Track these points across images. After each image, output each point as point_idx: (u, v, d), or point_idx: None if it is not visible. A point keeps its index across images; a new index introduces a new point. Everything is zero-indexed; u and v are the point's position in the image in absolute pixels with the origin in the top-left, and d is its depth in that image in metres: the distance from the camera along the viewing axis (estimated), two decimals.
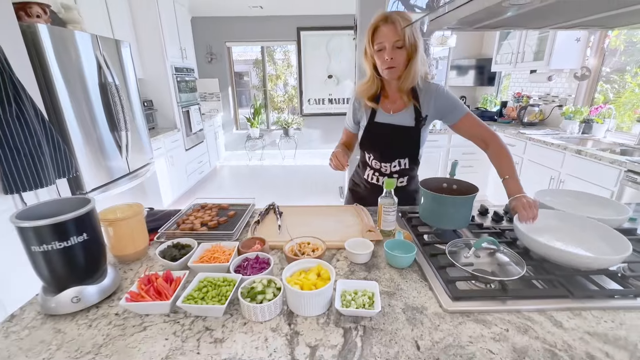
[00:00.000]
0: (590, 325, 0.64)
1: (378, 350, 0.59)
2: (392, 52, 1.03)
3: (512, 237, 0.95)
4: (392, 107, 1.18)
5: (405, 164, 1.23)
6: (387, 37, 1.02)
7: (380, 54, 1.06)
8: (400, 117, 1.17)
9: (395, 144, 1.20)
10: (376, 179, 1.28)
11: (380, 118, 1.19)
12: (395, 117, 1.18)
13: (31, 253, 0.64)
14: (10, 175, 1.49)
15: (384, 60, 1.05)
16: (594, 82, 2.92)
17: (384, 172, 1.26)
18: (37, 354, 0.59)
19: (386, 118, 1.18)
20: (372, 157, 1.26)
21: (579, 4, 0.70)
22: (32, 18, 1.84)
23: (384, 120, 1.19)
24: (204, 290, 0.70)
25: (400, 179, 1.26)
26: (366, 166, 1.30)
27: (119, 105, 2.35)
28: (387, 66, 1.06)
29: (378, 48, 1.05)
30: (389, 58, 1.04)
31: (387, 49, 1.04)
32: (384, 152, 1.22)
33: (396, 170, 1.24)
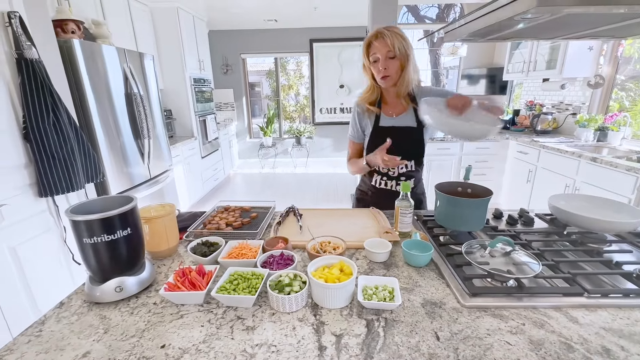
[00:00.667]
0: (605, 322, 0.67)
1: (400, 339, 0.63)
2: (386, 63, 1.16)
3: (527, 240, 0.98)
4: (394, 112, 1.28)
5: (411, 166, 1.30)
6: (379, 50, 1.15)
7: (375, 65, 1.18)
8: (403, 120, 1.26)
9: (401, 145, 1.25)
10: (384, 184, 1.34)
11: (384, 122, 1.28)
12: (397, 119, 1.27)
13: (82, 245, 0.71)
14: (46, 179, 1.59)
15: (379, 70, 1.17)
16: (609, 90, 2.91)
17: (391, 176, 1.32)
18: (87, 336, 0.65)
19: (390, 122, 1.27)
20: None
21: (588, 17, 0.75)
22: (68, 34, 1.98)
23: (388, 124, 1.27)
24: (234, 282, 0.75)
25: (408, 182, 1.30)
26: (373, 172, 1.35)
27: (142, 115, 2.47)
28: (382, 75, 1.18)
29: (373, 60, 1.18)
30: (382, 68, 1.16)
31: (380, 60, 1.16)
32: (390, 154, 1.26)
33: (403, 172, 1.30)
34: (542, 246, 0.96)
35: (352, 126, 1.37)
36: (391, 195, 1.27)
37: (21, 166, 1.52)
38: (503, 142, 3.29)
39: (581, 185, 2.37)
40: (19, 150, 1.51)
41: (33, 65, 1.50)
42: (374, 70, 1.19)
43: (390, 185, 1.33)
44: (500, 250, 0.84)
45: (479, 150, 3.31)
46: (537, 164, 2.86)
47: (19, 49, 1.46)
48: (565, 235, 1.03)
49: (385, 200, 1.26)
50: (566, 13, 0.65)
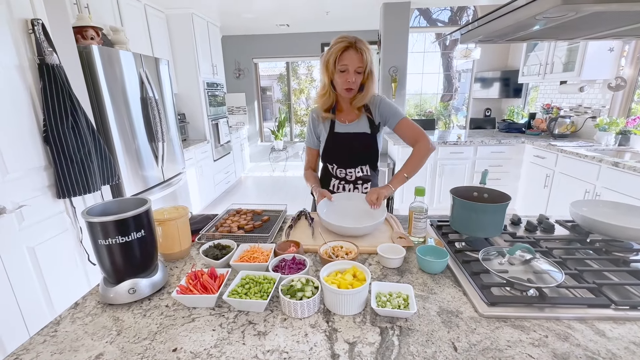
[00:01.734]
0: (636, 336, 0.63)
1: (415, 349, 0.61)
2: (353, 76, 1.15)
3: (548, 247, 0.94)
4: (347, 118, 1.30)
5: (366, 170, 1.33)
6: (351, 62, 1.13)
7: (343, 74, 1.16)
8: (356, 126, 1.29)
9: (356, 150, 1.30)
10: (342, 188, 1.36)
11: (339, 128, 1.30)
12: (351, 126, 1.29)
13: (97, 246, 0.72)
14: (64, 181, 1.63)
15: (345, 81, 1.16)
16: (630, 93, 2.81)
17: (349, 180, 1.34)
18: (101, 337, 0.66)
19: (344, 128, 1.29)
20: (336, 167, 1.34)
21: (612, 16, 0.72)
22: (87, 40, 2.04)
23: (343, 130, 1.29)
24: (246, 286, 0.75)
25: (365, 185, 1.35)
26: (330, 177, 1.38)
27: (157, 118, 2.52)
28: (347, 87, 1.18)
29: (342, 69, 1.15)
30: (350, 81, 1.16)
31: (349, 72, 1.15)
32: (347, 159, 1.32)
33: (360, 176, 1.33)
34: (564, 254, 0.92)
35: (307, 133, 1.39)
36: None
37: (41, 168, 1.56)
38: (518, 146, 3.21)
39: (602, 191, 2.28)
40: (39, 153, 1.55)
41: (54, 70, 1.55)
42: (340, 79, 1.17)
43: (347, 189, 1.36)
44: (520, 258, 0.81)
45: (493, 154, 3.24)
46: (554, 169, 2.77)
47: (41, 55, 1.51)
48: (588, 243, 0.99)
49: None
50: (591, 12, 0.63)
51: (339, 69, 1.15)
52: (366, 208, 1.18)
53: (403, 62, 3.63)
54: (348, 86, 1.17)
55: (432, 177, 3.33)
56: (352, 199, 1.24)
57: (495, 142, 3.20)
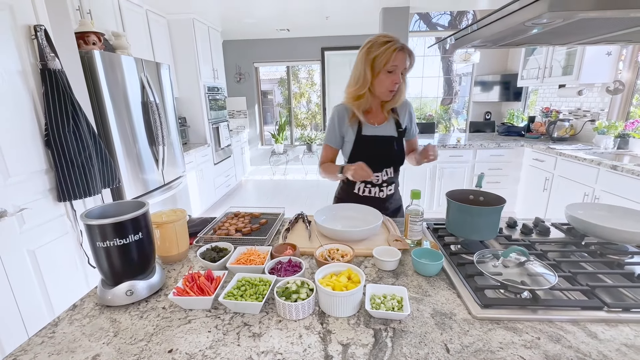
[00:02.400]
0: (627, 338, 0.63)
1: (408, 350, 0.62)
2: (399, 78, 1.15)
3: (543, 250, 0.95)
4: (376, 120, 1.28)
5: (390, 172, 1.32)
6: (401, 63, 1.13)
7: (390, 75, 1.15)
8: (384, 129, 1.28)
9: (384, 154, 1.29)
10: (368, 191, 1.34)
11: (368, 131, 1.27)
12: (379, 128, 1.27)
13: (95, 248, 0.73)
14: (64, 185, 1.64)
15: (392, 82, 1.15)
16: (629, 96, 2.82)
17: (375, 183, 1.32)
18: (98, 338, 0.66)
19: (372, 130, 1.27)
20: None
21: (603, 22, 0.73)
22: (89, 45, 2.07)
23: (371, 133, 1.27)
24: (242, 288, 0.76)
25: (389, 187, 1.34)
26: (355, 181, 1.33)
27: (158, 122, 2.54)
28: (392, 89, 1.17)
29: (390, 69, 1.14)
30: (398, 82, 1.15)
31: (397, 73, 1.15)
32: (375, 163, 1.27)
33: (385, 179, 1.32)
34: (559, 257, 0.92)
35: (330, 131, 1.31)
36: (374, 202, 1.29)
37: (42, 172, 1.58)
38: (518, 150, 3.21)
39: (601, 194, 2.28)
40: (41, 157, 1.57)
41: (56, 75, 1.57)
42: (387, 79, 1.15)
43: (374, 192, 1.34)
44: (514, 261, 0.82)
45: (492, 157, 3.24)
46: (553, 172, 2.78)
47: (44, 60, 1.53)
48: (583, 246, 0.99)
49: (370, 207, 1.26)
50: (579, 18, 0.64)
51: (387, 69, 1.13)
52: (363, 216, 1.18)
53: None
54: (393, 87, 1.16)
55: (431, 180, 3.34)
56: (351, 208, 1.24)
57: (495, 145, 3.21)
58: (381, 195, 1.34)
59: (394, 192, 1.38)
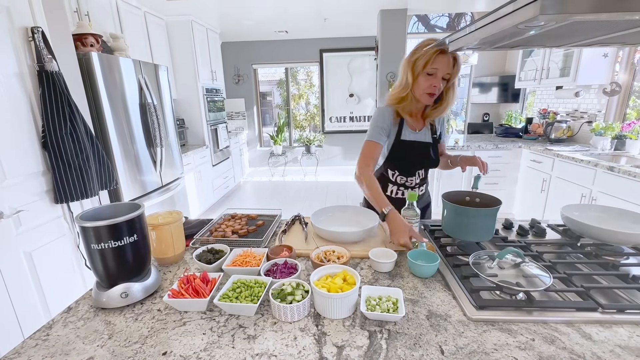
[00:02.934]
0: (621, 339, 0.64)
1: (403, 352, 0.61)
2: (439, 82, 1.11)
3: (539, 251, 0.95)
4: (417, 126, 1.28)
5: (422, 174, 1.34)
6: (442, 67, 1.09)
7: (429, 78, 1.11)
8: (422, 135, 1.28)
9: (420, 159, 1.30)
10: (401, 194, 1.33)
11: (407, 136, 1.26)
12: (418, 134, 1.28)
13: (90, 250, 0.73)
14: (62, 186, 1.64)
15: (430, 85, 1.11)
16: (625, 98, 2.83)
17: (408, 185, 1.33)
18: (92, 341, 0.66)
19: (412, 135, 1.26)
20: (397, 173, 1.31)
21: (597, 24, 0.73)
22: (87, 47, 2.07)
23: (410, 138, 1.26)
24: (237, 290, 0.75)
25: (421, 188, 1.36)
26: (388, 182, 1.33)
27: (155, 124, 2.54)
28: (430, 92, 1.13)
29: (430, 72, 1.10)
30: (436, 86, 1.11)
31: (437, 77, 1.10)
32: (410, 167, 1.30)
33: (418, 182, 1.33)
34: (554, 258, 0.93)
35: (378, 127, 1.21)
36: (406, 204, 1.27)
37: (39, 173, 1.58)
38: (516, 151, 3.22)
39: (598, 195, 2.29)
40: (38, 158, 1.57)
41: (53, 77, 1.57)
42: (425, 82, 1.12)
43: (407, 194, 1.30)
44: (510, 262, 0.82)
45: (490, 158, 3.25)
46: (551, 173, 2.78)
47: (41, 62, 1.53)
48: (578, 247, 1.00)
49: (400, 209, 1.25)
50: (572, 21, 0.64)
51: (427, 71, 1.10)
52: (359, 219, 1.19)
53: None
54: (431, 91, 1.12)
55: (430, 181, 3.33)
56: (347, 210, 1.25)
57: (493, 146, 3.22)
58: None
59: (425, 191, 1.40)
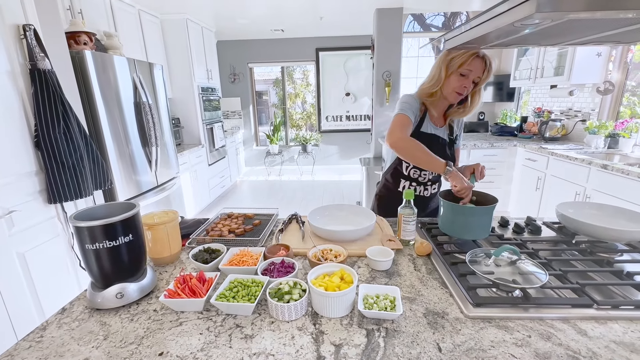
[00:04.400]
0: (616, 335, 0.64)
1: (400, 350, 0.62)
2: (470, 83, 1.15)
3: (534, 249, 0.96)
4: (438, 123, 1.31)
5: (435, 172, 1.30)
6: (475, 69, 1.13)
7: (461, 78, 1.15)
8: (441, 131, 1.31)
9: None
10: (413, 189, 1.32)
11: (427, 129, 1.28)
12: (438, 130, 1.30)
13: (85, 251, 0.72)
14: (55, 186, 1.62)
15: (461, 86, 1.15)
16: (619, 96, 2.86)
17: (421, 181, 1.34)
18: (87, 342, 0.65)
19: (432, 129, 1.29)
20: (411, 166, 1.31)
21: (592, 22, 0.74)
22: (80, 45, 2.05)
23: (430, 131, 1.28)
24: (234, 290, 0.75)
25: (434, 186, 1.37)
26: (400, 177, 1.35)
27: (150, 123, 2.52)
28: (459, 91, 1.16)
29: (463, 73, 1.14)
30: (466, 87, 1.15)
31: (469, 78, 1.14)
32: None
33: (431, 177, 1.35)
34: (550, 255, 0.93)
35: (409, 105, 1.24)
36: (418, 201, 1.29)
37: (32, 173, 1.56)
38: (511, 150, 3.25)
39: (592, 193, 2.31)
40: (31, 158, 1.55)
41: (46, 75, 1.55)
42: (457, 82, 1.15)
43: (419, 190, 1.34)
44: (506, 260, 0.82)
45: (486, 157, 3.27)
46: (546, 172, 2.81)
47: (33, 60, 1.51)
48: (573, 245, 1.01)
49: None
50: (568, 19, 0.64)
51: (461, 71, 1.13)
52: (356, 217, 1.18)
53: (396, 67, 3.66)
54: (461, 90, 1.16)
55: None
56: (344, 209, 1.25)
57: (488, 145, 3.24)
58: (425, 194, 1.35)
59: (437, 190, 1.40)
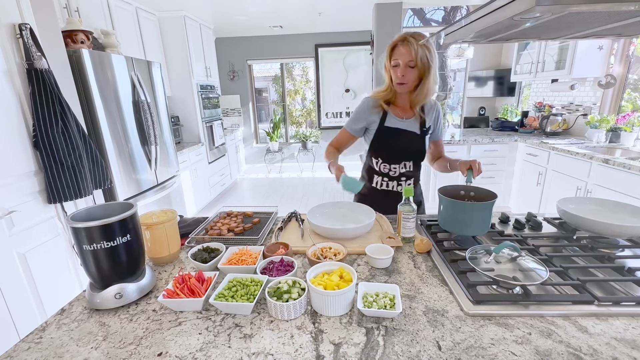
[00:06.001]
0: (617, 331, 0.64)
1: (400, 349, 0.61)
2: (405, 70, 1.18)
3: (535, 245, 0.95)
4: (403, 115, 1.30)
5: (410, 167, 1.34)
6: (402, 57, 1.17)
7: (395, 69, 1.20)
8: (409, 124, 1.30)
9: (403, 147, 1.31)
10: (385, 185, 1.36)
11: (391, 123, 1.29)
12: (404, 122, 1.30)
13: (82, 251, 0.71)
14: (54, 186, 1.62)
15: (397, 76, 1.20)
16: (620, 90, 2.84)
17: (392, 176, 1.34)
18: (86, 343, 0.65)
19: (396, 123, 1.29)
20: (381, 161, 1.34)
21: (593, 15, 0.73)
22: (77, 44, 2.04)
23: (394, 125, 1.29)
24: (233, 289, 0.75)
25: (408, 182, 1.36)
26: (373, 174, 1.37)
27: (149, 122, 2.51)
28: (399, 82, 1.21)
29: (394, 64, 1.20)
30: (401, 75, 1.18)
31: (400, 66, 1.18)
32: (393, 155, 1.32)
33: (403, 172, 1.34)
34: (551, 252, 0.93)
35: (355, 118, 1.34)
36: (392, 196, 1.32)
37: (31, 173, 1.55)
38: (512, 145, 3.23)
39: (593, 188, 2.30)
40: (29, 158, 1.54)
41: (43, 75, 1.54)
42: (393, 74, 1.21)
43: (391, 186, 1.35)
44: (506, 256, 0.82)
45: (486, 152, 3.26)
46: (547, 166, 2.80)
47: (30, 60, 1.50)
48: (574, 240, 1.00)
49: (386, 202, 1.27)
50: (568, 12, 0.63)
51: (392, 64, 1.20)
52: (355, 215, 1.18)
53: None
54: (399, 80, 1.20)
55: (426, 176, 3.34)
56: (344, 207, 1.24)
57: (489, 140, 3.22)
58: (399, 189, 1.35)
59: (413, 186, 1.37)
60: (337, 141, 1.39)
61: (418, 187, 1.43)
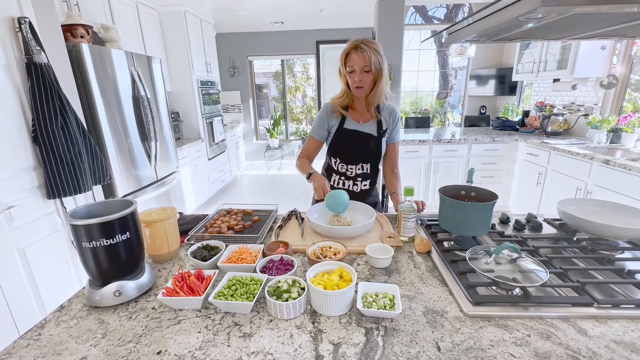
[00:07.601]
0: (616, 334, 0.64)
1: (399, 349, 0.61)
2: (361, 75, 1.22)
3: (535, 246, 0.95)
4: (361, 118, 1.36)
5: (367, 169, 1.39)
6: (356, 62, 1.21)
7: (351, 75, 1.24)
8: (366, 127, 1.35)
9: (360, 148, 1.35)
10: (342, 184, 1.41)
11: (349, 125, 1.35)
12: (362, 126, 1.35)
13: (82, 249, 0.71)
14: (54, 182, 1.61)
15: (354, 80, 1.24)
16: (622, 91, 2.83)
17: (349, 176, 1.39)
18: (85, 340, 0.65)
19: (354, 126, 1.35)
20: (339, 161, 1.39)
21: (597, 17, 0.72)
22: (77, 38, 2.02)
23: (352, 127, 1.35)
24: (233, 288, 0.75)
25: (364, 183, 1.40)
26: (332, 172, 1.43)
27: (149, 117, 2.50)
28: (357, 86, 1.25)
29: (349, 70, 1.24)
30: (358, 79, 1.23)
31: (356, 72, 1.22)
32: (350, 155, 1.37)
33: (360, 173, 1.39)
34: (550, 253, 0.93)
35: (318, 124, 1.40)
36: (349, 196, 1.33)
37: (30, 168, 1.55)
38: (512, 144, 3.22)
39: (593, 189, 2.30)
40: (28, 153, 1.54)
41: (42, 69, 1.53)
42: (350, 79, 1.26)
43: (347, 185, 1.40)
44: (506, 257, 0.82)
45: (487, 152, 3.25)
46: (547, 167, 2.79)
47: (29, 54, 1.48)
48: (574, 242, 1.00)
49: None
50: (573, 13, 0.63)
51: (348, 70, 1.24)
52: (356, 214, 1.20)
53: (398, 60, 3.62)
54: (357, 85, 1.24)
55: (426, 175, 3.34)
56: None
57: (489, 139, 3.22)
58: (355, 189, 1.40)
59: (370, 188, 1.43)
60: (306, 150, 1.42)
61: (374, 189, 1.47)
